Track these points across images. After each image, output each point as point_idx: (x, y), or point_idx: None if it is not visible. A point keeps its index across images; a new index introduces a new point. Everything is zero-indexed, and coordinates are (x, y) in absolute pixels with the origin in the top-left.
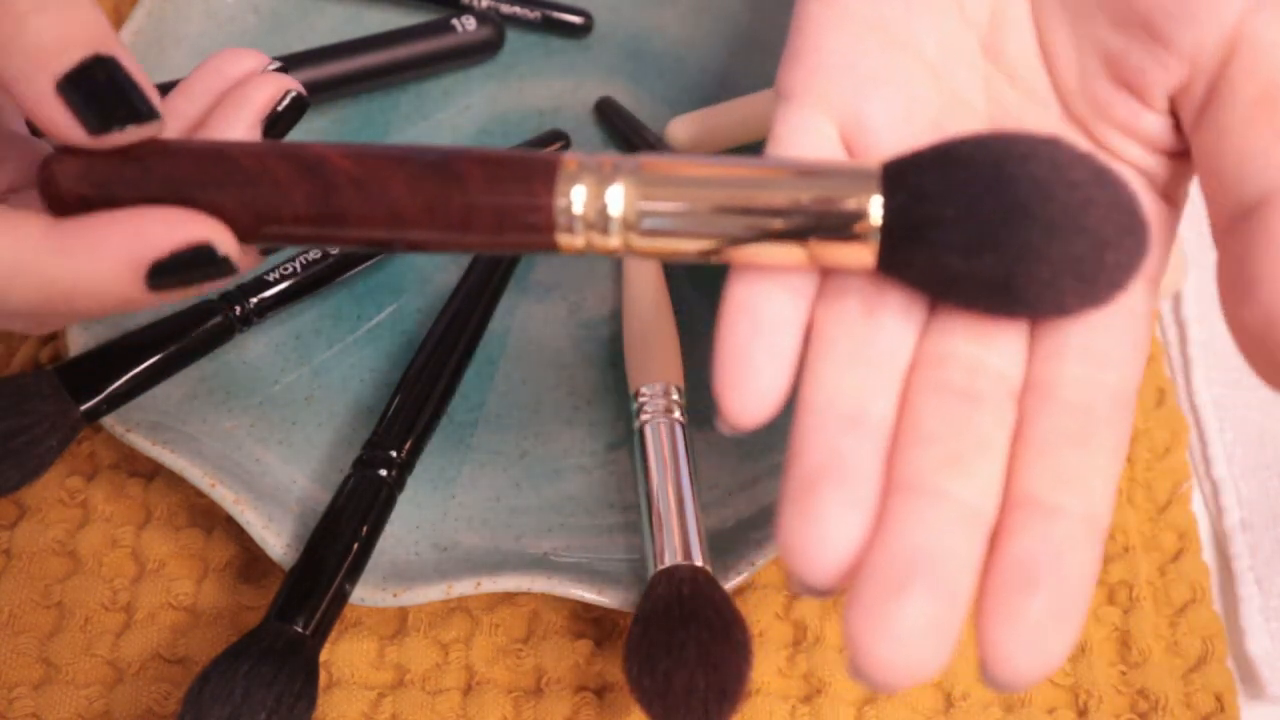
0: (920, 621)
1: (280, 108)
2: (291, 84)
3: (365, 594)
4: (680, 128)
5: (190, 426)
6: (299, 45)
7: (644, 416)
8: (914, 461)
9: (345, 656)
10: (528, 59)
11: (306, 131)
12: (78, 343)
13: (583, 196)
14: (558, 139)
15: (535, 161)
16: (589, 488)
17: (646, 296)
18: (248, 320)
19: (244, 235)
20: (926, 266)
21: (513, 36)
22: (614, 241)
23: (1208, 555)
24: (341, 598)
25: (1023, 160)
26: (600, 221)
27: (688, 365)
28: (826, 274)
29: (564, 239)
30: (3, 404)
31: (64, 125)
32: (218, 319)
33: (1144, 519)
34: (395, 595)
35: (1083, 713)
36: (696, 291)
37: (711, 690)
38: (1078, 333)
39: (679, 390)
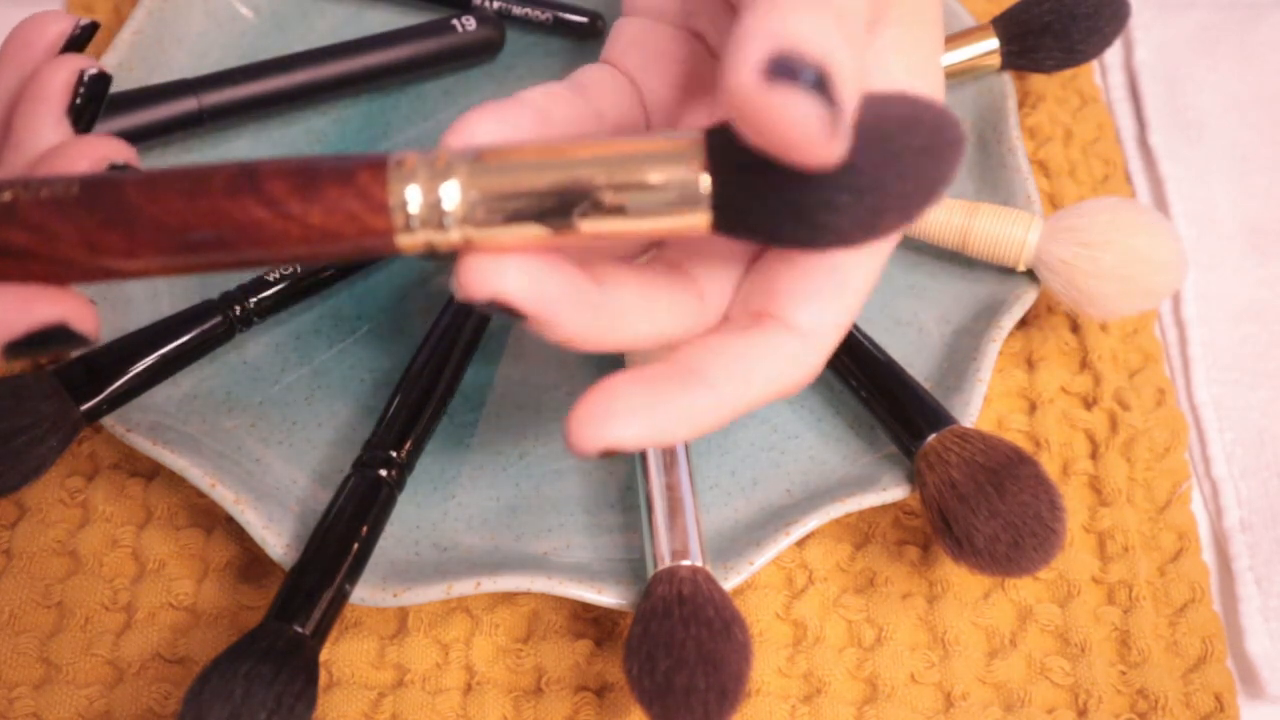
0: None
1: (80, 98)
2: (86, 62)
3: (365, 594)
4: None
5: (190, 426)
6: (299, 45)
7: None
8: None
9: (345, 656)
10: (528, 59)
11: (307, 131)
12: None
13: (418, 194)
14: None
15: (363, 161)
16: (589, 488)
17: None
18: (248, 320)
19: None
20: (759, 220)
21: (513, 37)
22: (454, 236)
23: (1207, 555)
24: (341, 598)
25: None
26: (435, 217)
27: None
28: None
29: (403, 239)
30: (3, 404)
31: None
32: (218, 319)
33: (1144, 519)
34: (395, 595)
35: (1082, 713)
36: None
37: (711, 690)
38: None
39: None
